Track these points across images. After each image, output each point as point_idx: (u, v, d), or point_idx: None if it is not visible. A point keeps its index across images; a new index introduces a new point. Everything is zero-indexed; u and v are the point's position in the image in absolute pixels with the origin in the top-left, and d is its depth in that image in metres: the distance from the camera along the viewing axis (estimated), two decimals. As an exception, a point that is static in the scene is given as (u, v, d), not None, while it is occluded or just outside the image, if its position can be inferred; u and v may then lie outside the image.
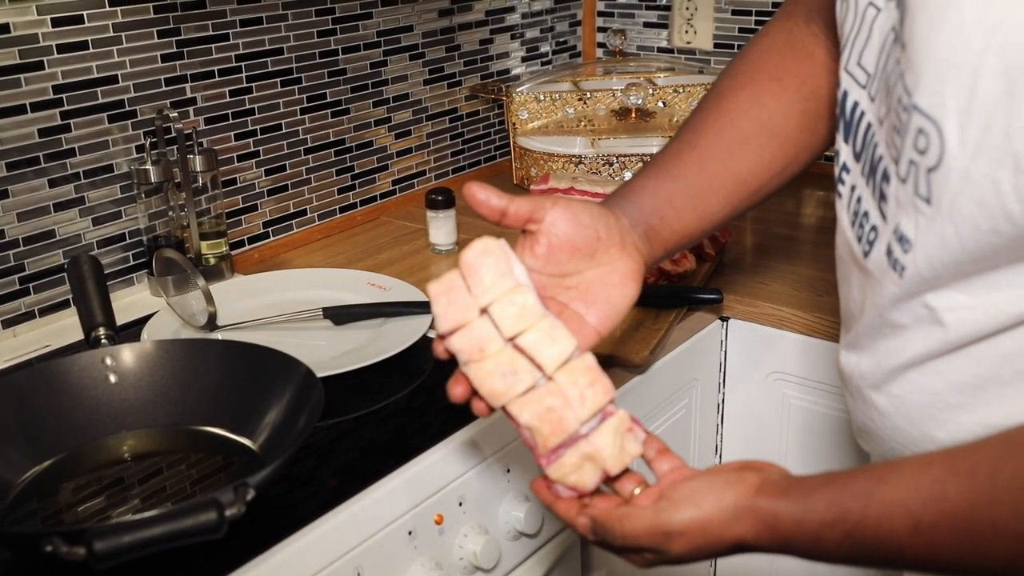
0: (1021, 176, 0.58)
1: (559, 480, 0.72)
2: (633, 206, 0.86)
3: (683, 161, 0.89)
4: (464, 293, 0.72)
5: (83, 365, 1.03)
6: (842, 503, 0.63)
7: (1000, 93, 0.57)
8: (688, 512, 0.68)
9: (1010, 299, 0.63)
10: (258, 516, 0.85)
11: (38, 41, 1.24)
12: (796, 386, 1.35)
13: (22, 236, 1.28)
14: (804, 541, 0.64)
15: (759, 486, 0.67)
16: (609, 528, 0.70)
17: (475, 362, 0.72)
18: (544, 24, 2.00)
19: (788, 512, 0.65)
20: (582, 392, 0.71)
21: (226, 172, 1.48)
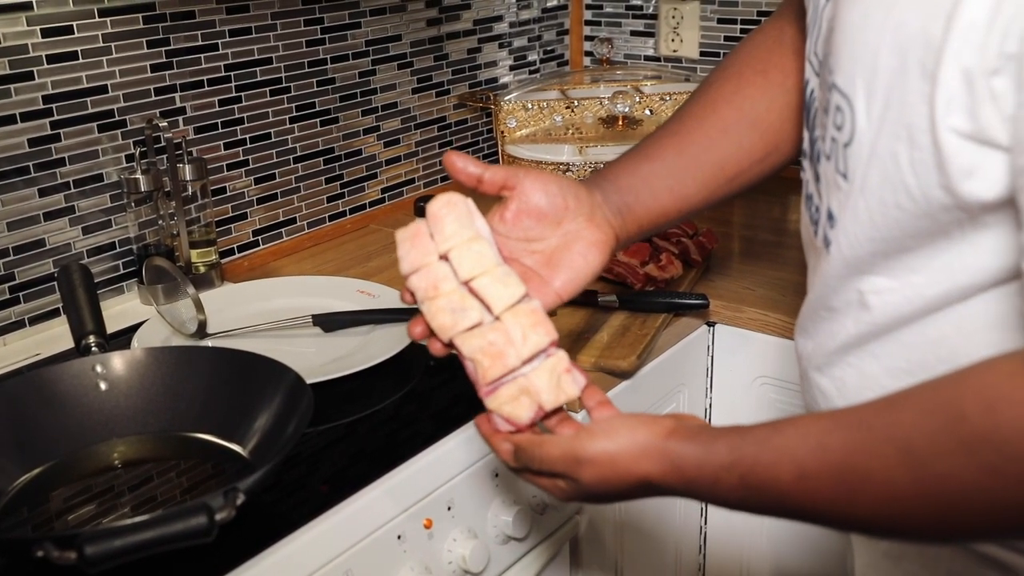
0: (915, 149, 0.60)
1: (496, 410, 0.76)
2: (609, 183, 0.89)
3: (663, 145, 0.92)
4: (427, 239, 0.78)
5: (73, 373, 1.04)
6: (740, 448, 0.66)
7: (895, 69, 0.60)
8: (601, 443, 0.71)
9: (928, 282, 0.65)
10: (248, 521, 0.85)
11: (28, 51, 1.25)
12: (782, 390, 1.37)
13: (12, 245, 1.28)
14: (704, 483, 0.67)
15: (672, 429, 0.69)
16: (528, 452, 0.74)
17: (429, 299, 0.78)
18: (532, 33, 2.01)
19: (692, 454, 0.67)
20: (524, 332, 0.75)
21: (216, 181, 1.49)
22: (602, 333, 1.24)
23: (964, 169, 0.59)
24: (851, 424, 0.62)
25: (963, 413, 0.55)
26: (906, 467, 0.57)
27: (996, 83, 0.56)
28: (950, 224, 0.62)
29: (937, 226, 0.63)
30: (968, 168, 0.59)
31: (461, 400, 1.13)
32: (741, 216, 1.68)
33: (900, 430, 0.58)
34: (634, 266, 1.34)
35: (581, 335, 1.23)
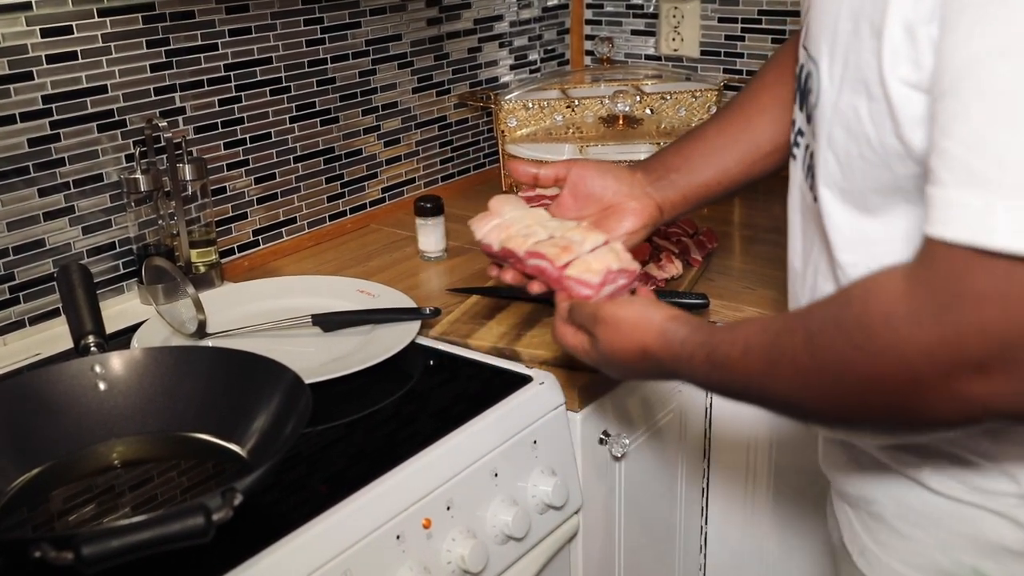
0: (872, 101, 0.67)
1: (573, 276, 0.93)
2: (653, 161, 1.07)
3: (706, 128, 1.07)
4: (494, 218, 1.02)
5: (72, 373, 1.04)
6: (714, 333, 0.78)
7: (851, 32, 0.68)
8: (616, 309, 0.88)
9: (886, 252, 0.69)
10: (247, 521, 0.85)
11: (27, 52, 1.25)
12: (783, 390, 1.36)
13: (12, 245, 1.28)
14: (684, 358, 0.80)
15: (676, 315, 0.84)
16: (576, 309, 0.91)
17: (506, 235, 0.99)
18: (532, 32, 2.01)
19: (681, 333, 0.81)
20: (584, 235, 0.96)
21: (216, 181, 1.49)
22: None
23: (913, 118, 0.64)
24: (787, 314, 0.75)
25: (849, 300, 0.66)
26: (806, 345, 0.68)
27: (933, 30, 0.60)
28: (907, 179, 0.67)
29: (896, 180, 0.68)
30: (917, 117, 0.64)
31: (461, 400, 1.13)
32: (741, 215, 1.68)
33: (810, 316, 0.70)
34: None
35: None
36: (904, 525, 0.80)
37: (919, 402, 0.62)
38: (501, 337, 1.24)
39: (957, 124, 0.58)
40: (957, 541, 0.77)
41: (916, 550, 0.80)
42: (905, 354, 0.61)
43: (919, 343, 0.60)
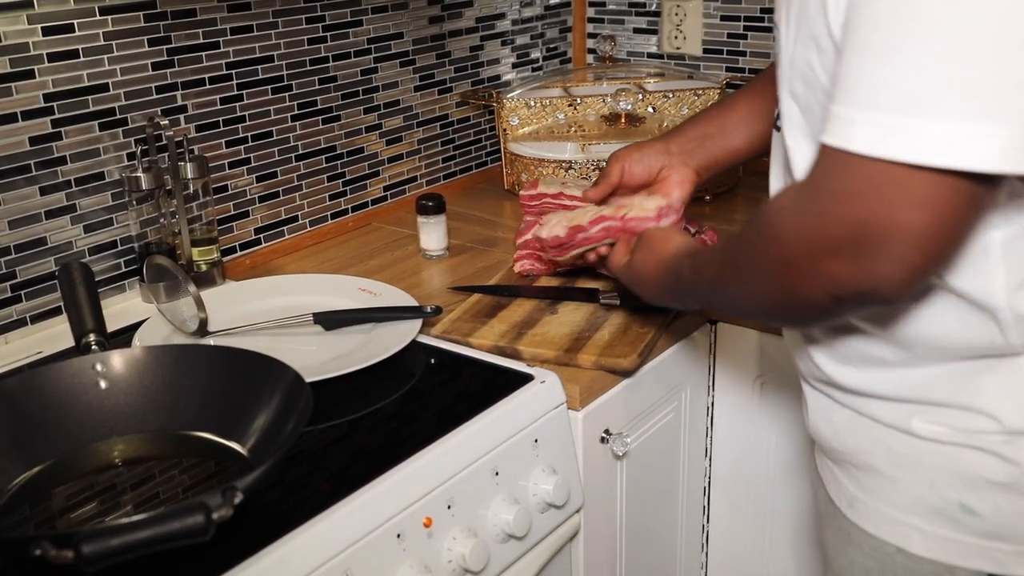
0: (822, 54, 0.75)
1: (632, 216, 1.16)
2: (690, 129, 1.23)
3: (737, 98, 1.22)
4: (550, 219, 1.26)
5: (73, 371, 1.04)
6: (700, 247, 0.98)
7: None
8: (655, 230, 1.09)
9: None
10: (248, 519, 0.85)
11: (29, 50, 1.25)
12: (784, 389, 1.36)
13: (13, 244, 1.28)
14: (683, 270, 0.95)
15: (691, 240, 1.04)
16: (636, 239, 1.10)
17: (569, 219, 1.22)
18: (534, 30, 2.01)
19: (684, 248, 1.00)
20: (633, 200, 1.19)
21: (217, 179, 1.49)
22: (603, 331, 1.24)
23: None
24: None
25: (754, 215, 0.79)
26: (737, 241, 0.83)
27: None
28: None
29: None
30: None
31: (462, 398, 1.13)
32: (744, 214, 1.67)
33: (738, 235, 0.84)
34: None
35: (582, 333, 1.23)
36: (892, 469, 0.84)
37: (794, 280, 0.73)
38: (502, 336, 1.24)
39: (844, 52, 0.69)
40: (943, 478, 0.81)
41: (904, 491, 0.84)
42: (783, 238, 0.73)
43: (792, 229, 0.72)
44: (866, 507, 0.87)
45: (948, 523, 0.82)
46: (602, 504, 1.25)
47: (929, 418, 0.81)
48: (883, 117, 0.65)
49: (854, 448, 0.88)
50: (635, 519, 1.33)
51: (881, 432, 0.85)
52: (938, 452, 0.81)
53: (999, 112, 0.62)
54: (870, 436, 0.86)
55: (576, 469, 1.17)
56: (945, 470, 0.81)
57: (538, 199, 1.43)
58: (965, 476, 0.81)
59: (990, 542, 0.81)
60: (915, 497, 0.83)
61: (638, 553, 1.36)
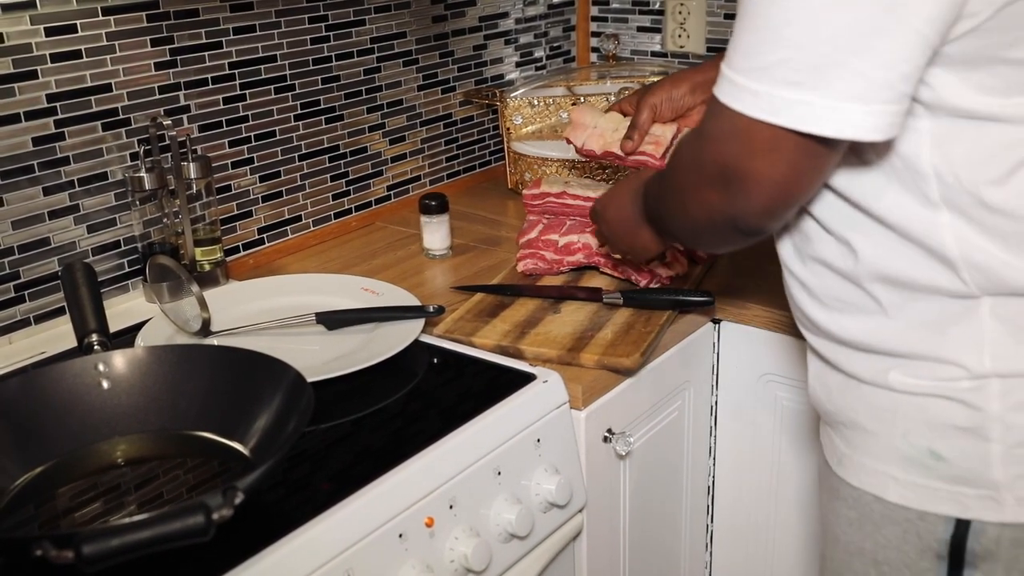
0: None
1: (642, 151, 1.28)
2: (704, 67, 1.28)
3: None
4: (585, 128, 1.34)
5: (76, 371, 1.04)
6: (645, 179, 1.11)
7: None
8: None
9: None
10: (249, 519, 0.85)
11: (32, 50, 1.25)
12: (788, 387, 1.36)
13: (17, 244, 1.28)
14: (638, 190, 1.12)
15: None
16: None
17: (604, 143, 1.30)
18: (538, 29, 2.00)
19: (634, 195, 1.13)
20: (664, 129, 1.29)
21: (220, 179, 1.49)
22: (606, 330, 1.24)
23: None
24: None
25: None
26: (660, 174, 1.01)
27: None
28: None
29: None
30: None
31: (464, 398, 1.13)
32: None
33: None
34: (639, 263, 1.33)
35: (585, 332, 1.23)
36: (873, 424, 0.90)
37: (685, 203, 0.90)
38: (505, 335, 1.23)
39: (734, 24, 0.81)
40: (915, 427, 0.87)
41: (882, 443, 0.89)
42: (678, 169, 0.92)
43: (683, 162, 0.91)
44: (851, 461, 0.93)
45: (919, 470, 0.87)
46: (605, 504, 1.25)
47: (904, 371, 0.87)
48: (737, 76, 0.79)
49: (843, 407, 0.93)
50: (638, 519, 1.32)
51: (865, 390, 0.90)
52: (912, 403, 0.87)
53: (816, 85, 0.75)
54: (856, 394, 0.91)
55: (579, 469, 1.17)
56: (917, 420, 0.87)
57: (541, 198, 1.43)
58: (934, 424, 0.86)
59: (956, 487, 0.86)
60: (891, 448, 0.89)
61: (641, 553, 1.35)
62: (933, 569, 0.88)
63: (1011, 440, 0.83)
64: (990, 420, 0.83)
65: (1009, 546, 0.85)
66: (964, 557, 0.86)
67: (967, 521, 0.85)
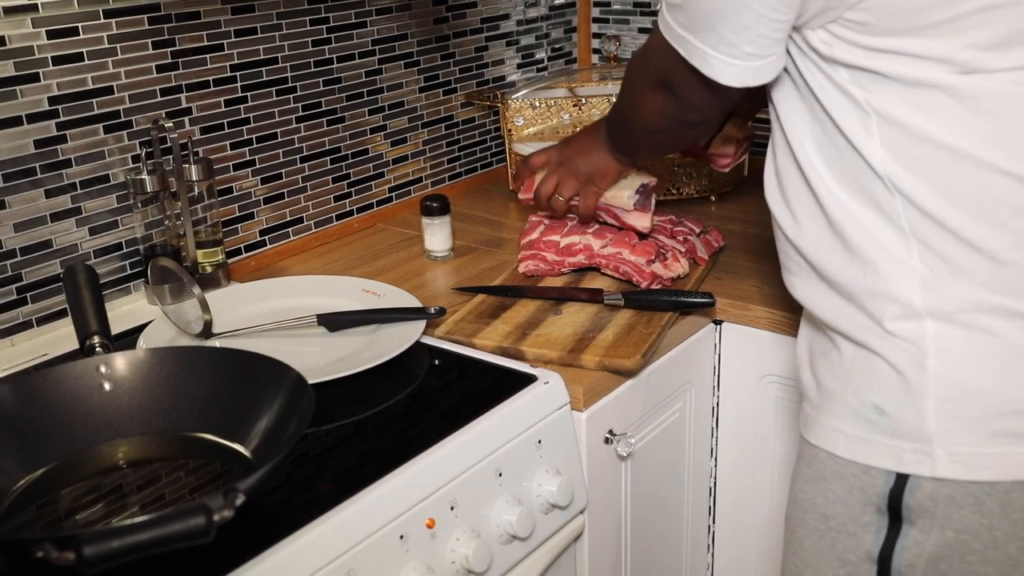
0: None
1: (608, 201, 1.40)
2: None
3: None
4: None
5: (78, 373, 1.04)
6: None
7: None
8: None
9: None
10: (251, 520, 0.86)
11: (33, 53, 1.25)
12: (789, 388, 1.36)
13: (19, 246, 1.29)
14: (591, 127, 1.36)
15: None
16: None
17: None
18: (539, 31, 2.01)
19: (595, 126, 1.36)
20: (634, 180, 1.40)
21: (222, 181, 1.49)
22: (607, 332, 1.24)
23: None
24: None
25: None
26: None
27: None
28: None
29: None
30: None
31: (465, 399, 1.13)
32: (748, 214, 1.67)
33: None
34: (640, 264, 1.34)
35: (586, 334, 1.23)
36: (833, 384, 0.95)
37: (635, 105, 1.17)
38: (506, 336, 1.24)
39: None
40: (863, 383, 0.92)
41: (837, 400, 0.94)
42: (628, 75, 1.19)
43: (632, 70, 1.18)
44: (814, 421, 0.97)
45: (865, 425, 0.91)
46: (606, 505, 1.25)
47: (855, 317, 0.92)
48: (669, 17, 0.99)
49: (817, 375, 0.99)
50: (640, 520, 1.32)
51: (831, 351, 0.96)
52: (862, 359, 0.92)
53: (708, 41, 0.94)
54: (825, 360, 0.97)
55: (580, 470, 1.17)
56: (865, 374, 0.92)
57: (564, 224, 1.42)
58: (878, 377, 0.90)
59: (895, 440, 0.89)
60: (844, 404, 0.93)
61: (643, 554, 1.35)
62: (874, 523, 0.91)
63: (944, 395, 0.87)
64: (927, 374, 0.87)
65: (944, 503, 0.87)
66: (901, 512, 0.90)
67: (905, 476, 0.89)
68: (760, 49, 0.93)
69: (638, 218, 1.38)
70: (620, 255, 1.35)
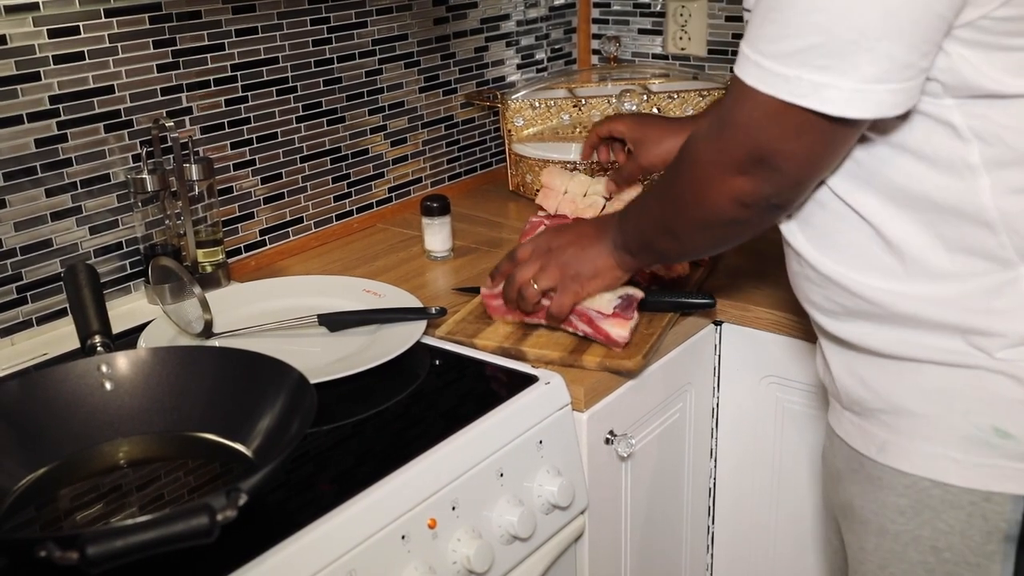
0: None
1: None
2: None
3: None
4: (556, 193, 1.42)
5: (79, 373, 1.04)
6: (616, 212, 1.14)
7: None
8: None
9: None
10: (253, 520, 0.85)
11: (34, 52, 1.25)
12: (789, 389, 1.36)
13: (19, 245, 1.29)
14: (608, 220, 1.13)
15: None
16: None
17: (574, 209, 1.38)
18: (539, 31, 2.01)
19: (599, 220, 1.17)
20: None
21: (222, 181, 1.49)
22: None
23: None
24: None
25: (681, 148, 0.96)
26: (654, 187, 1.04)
27: None
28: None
29: None
30: None
31: (466, 400, 1.13)
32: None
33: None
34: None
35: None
36: (923, 406, 0.88)
37: (707, 194, 0.90)
38: (507, 337, 1.24)
39: (753, 8, 0.83)
40: (975, 406, 0.86)
41: (938, 425, 0.87)
42: (699, 161, 0.91)
43: (706, 153, 0.90)
44: (899, 447, 0.90)
45: (983, 450, 0.85)
46: (607, 505, 1.25)
47: (955, 347, 0.86)
48: (765, 61, 0.80)
49: (884, 393, 0.91)
50: (640, 520, 1.32)
51: (909, 371, 0.89)
52: (969, 380, 0.86)
53: (845, 69, 0.78)
54: (898, 378, 0.90)
55: (581, 470, 1.17)
56: (976, 398, 0.85)
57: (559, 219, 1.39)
58: (996, 400, 0.85)
59: (1022, 464, 0.84)
60: (949, 429, 0.87)
61: (643, 554, 1.35)
62: (1000, 552, 0.86)
63: None
64: None
65: None
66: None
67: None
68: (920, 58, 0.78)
69: (615, 324, 1.16)
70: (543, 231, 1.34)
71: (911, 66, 0.78)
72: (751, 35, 0.83)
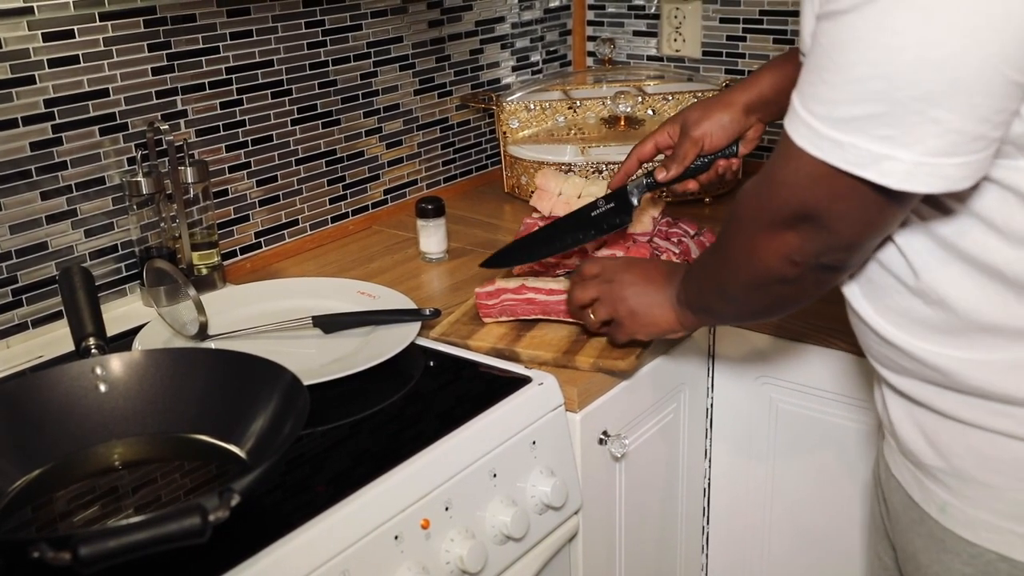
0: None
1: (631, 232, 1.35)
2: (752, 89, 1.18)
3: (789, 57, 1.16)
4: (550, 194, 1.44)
5: (73, 375, 1.04)
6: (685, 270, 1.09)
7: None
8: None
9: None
10: (246, 521, 0.86)
11: (29, 56, 1.26)
12: (783, 390, 1.36)
13: (15, 248, 1.29)
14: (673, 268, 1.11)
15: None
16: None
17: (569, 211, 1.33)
18: (534, 34, 2.01)
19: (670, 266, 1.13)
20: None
21: (217, 183, 1.50)
22: None
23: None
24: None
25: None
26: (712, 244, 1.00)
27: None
28: None
29: None
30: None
31: (460, 400, 1.13)
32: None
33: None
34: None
35: (580, 335, 1.23)
36: (988, 475, 0.84)
37: (757, 251, 0.86)
38: (501, 338, 1.24)
39: (809, 51, 0.77)
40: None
41: (1004, 497, 0.84)
42: (744, 219, 0.88)
43: (752, 211, 0.87)
44: (962, 513, 0.87)
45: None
46: (601, 506, 1.25)
47: (1019, 418, 0.82)
48: (818, 124, 0.75)
49: (946, 453, 0.87)
50: (634, 521, 1.33)
51: (974, 437, 0.85)
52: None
53: (905, 142, 0.72)
54: (963, 441, 0.86)
55: (574, 471, 1.17)
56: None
57: (496, 296, 1.27)
58: None
59: None
60: (1016, 503, 0.83)
61: (637, 555, 1.36)
62: None
63: None
64: None
65: None
66: None
67: None
68: (991, 129, 0.72)
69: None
70: (615, 257, 1.35)
71: (981, 138, 0.71)
72: (803, 91, 0.77)
